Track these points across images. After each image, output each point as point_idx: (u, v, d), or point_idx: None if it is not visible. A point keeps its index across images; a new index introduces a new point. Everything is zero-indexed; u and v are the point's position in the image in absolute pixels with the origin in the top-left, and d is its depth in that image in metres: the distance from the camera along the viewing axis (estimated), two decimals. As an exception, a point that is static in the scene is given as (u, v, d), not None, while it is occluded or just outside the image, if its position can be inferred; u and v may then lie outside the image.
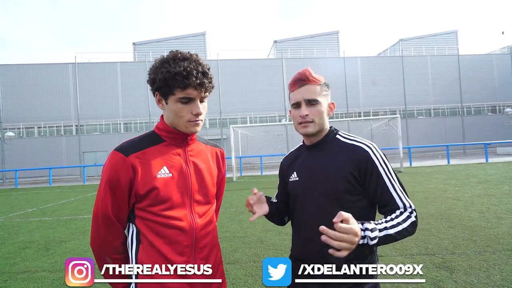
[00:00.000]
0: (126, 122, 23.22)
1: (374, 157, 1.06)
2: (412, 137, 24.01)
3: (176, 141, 1.08)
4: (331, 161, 1.11)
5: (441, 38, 28.78)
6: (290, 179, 1.21)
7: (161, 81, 0.98)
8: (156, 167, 1.01)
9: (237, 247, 3.97)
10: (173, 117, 1.03)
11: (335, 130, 1.20)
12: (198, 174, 1.09)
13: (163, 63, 0.99)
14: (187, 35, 26.20)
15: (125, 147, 1.01)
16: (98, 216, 1.01)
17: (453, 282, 2.67)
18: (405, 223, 0.98)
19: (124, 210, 1.01)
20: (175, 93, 0.99)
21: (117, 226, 1.02)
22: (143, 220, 1.01)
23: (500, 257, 3.11)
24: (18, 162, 20.86)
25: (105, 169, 1.00)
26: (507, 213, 4.78)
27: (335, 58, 25.41)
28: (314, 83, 1.12)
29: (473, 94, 25.76)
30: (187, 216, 1.04)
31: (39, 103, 22.00)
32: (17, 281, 3.20)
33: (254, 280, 2.94)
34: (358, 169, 1.06)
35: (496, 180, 8.39)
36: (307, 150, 1.20)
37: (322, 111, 1.11)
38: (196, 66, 0.99)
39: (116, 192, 0.98)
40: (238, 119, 23.81)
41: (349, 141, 1.13)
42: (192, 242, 1.03)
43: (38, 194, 11.92)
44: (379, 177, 1.05)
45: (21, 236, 5.15)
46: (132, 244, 1.03)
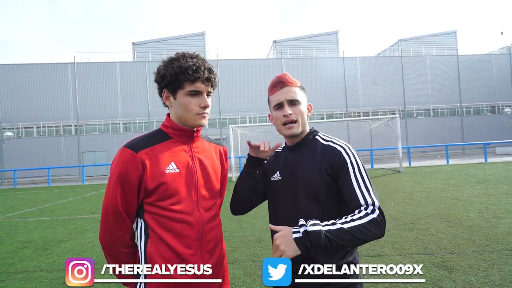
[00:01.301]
0: (126, 122, 23.19)
1: (346, 156, 1.09)
2: (411, 137, 24.05)
3: (183, 138, 1.13)
4: (310, 161, 1.14)
5: (440, 38, 28.84)
6: (273, 178, 1.23)
7: (172, 76, 1.04)
8: (164, 163, 1.05)
9: (236, 246, 3.97)
10: (181, 111, 1.08)
11: (315, 132, 1.23)
12: (203, 170, 1.14)
13: (172, 60, 1.07)
14: (187, 35, 26.19)
15: (134, 144, 1.05)
16: (108, 210, 1.04)
17: (452, 281, 2.67)
18: (361, 220, 0.95)
19: (133, 204, 1.05)
20: (185, 87, 1.05)
21: (126, 221, 1.05)
22: (151, 215, 1.05)
23: (499, 257, 3.11)
24: (17, 162, 20.82)
25: (115, 165, 1.04)
26: (506, 213, 4.79)
27: (335, 58, 25.43)
28: (293, 85, 1.17)
29: (472, 94, 25.82)
30: (194, 210, 1.08)
31: (38, 103, 21.96)
32: (15, 281, 3.19)
33: (252, 280, 2.94)
34: (331, 169, 1.10)
35: (495, 180, 8.40)
36: (289, 151, 1.24)
37: (303, 111, 1.17)
38: (203, 63, 1.08)
39: (126, 187, 1.02)
40: (237, 119, 23.81)
41: (326, 142, 1.16)
42: (199, 235, 1.07)
43: (36, 194, 11.89)
44: (347, 174, 1.07)
45: (19, 236, 5.13)
46: (140, 239, 1.07)
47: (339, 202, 1.11)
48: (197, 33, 26.25)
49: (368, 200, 1.01)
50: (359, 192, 1.04)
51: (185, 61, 1.04)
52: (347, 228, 0.92)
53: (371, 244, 3.71)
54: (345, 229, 0.92)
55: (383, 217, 0.98)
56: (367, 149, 17.85)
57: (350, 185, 1.05)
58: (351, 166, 1.08)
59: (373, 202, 1.01)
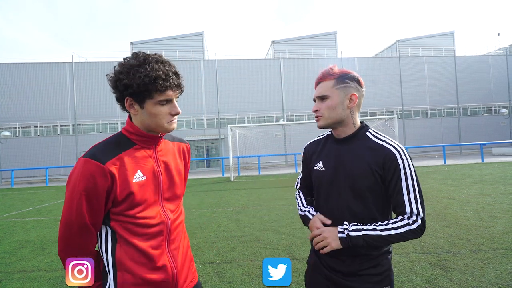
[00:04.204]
0: (124, 122, 23.09)
1: (400, 160, 1.09)
2: (409, 138, 24.14)
3: (147, 144, 1.09)
4: (359, 157, 1.14)
5: (438, 39, 28.97)
6: (315, 167, 1.25)
7: (139, 86, 0.97)
8: (131, 172, 1.02)
9: (234, 246, 3.98)
10: (150, 120, 1.04)
11: (366, 127, 1.21)
12: (168, 173, 1.13)
13: (135, 67, 0.98)
14: (185, 34, 26.13)
15: (97, 153, 0.99)
16: (71, 225, 0.98)
17: (448, 280, 2.69)
18: (400, 229, 1.04)
19: (100, 216, 1.01)
20: (154, 97, 1.00)
21: (93, 232, 1.02)
22: (118, 222, 1.03)
23: (494, 256, 3.14)
24: (14, 162, 20.71)
25: (77, 178, 0.96)
26: (501, 213, 4.83)
27: (333, 59, 25.44)
28: (326, 80, 1.17)
29: (469, 95, 25.95)
30: (160, 213, 1.08)
31: (36, 103, 21.85)
32: (13, 281, 3.19)
33: (251, 279, 2.95)
34: (383, 169, 1.10)
35: (491, 180, 8.46)
36: (335, 143, 1.23)
37: (331, 105, 1.15)
38: (171, 68, 1.01)
39: (93, 200, 0.97)
40: (236, 119, 23.79)
41: (379, 141, 1.15)
42: (166, 236, 1.09)
43: (34, 194, 11.84)
44: (398, 179, 1.08)
45: (17, 236, 5.12)
46: (107, 244, 1.04)
47: (383, 202, 1.13)
48: (196, 33, 26.20)
49: (414, 209, 1.06)
50: (407, 200, 1.07)
51: (152, 69, 0.97)
52: (385, 235, 1.04)
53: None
54: (383, 236, 1.04)
55: (423, 226, 1.06)
56: (365, 149, 17.84)
57: (400, 191, 1.07)
58: (403, 171, 1.08)
59: (418, 212, 1.06)
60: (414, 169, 1.10)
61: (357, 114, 1.19)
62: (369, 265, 1.11)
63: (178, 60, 24.05)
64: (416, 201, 1.06)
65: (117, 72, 1.01)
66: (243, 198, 8.08)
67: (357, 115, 1.19)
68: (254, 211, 6.14)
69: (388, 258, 1.15)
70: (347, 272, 1.13)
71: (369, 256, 1.11)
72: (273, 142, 22.07)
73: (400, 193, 1.07)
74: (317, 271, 1.22)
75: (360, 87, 1.18)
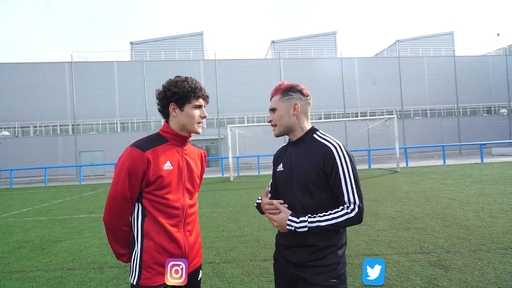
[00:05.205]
0: (123, 122, 23.10)
1: (337, 155, 1.23)
2: (409, 138, 24.16)
3: (177, 142, 1.41)
4: (305, 156, 1.30)
5: (438, 39, 29.00)
6: (278, 169, 1.43)
7: (184, 93, 1.34)
8: (162, 161, 1.33)
9: (233, 246, 3.97)
10: (187, 120, 1.38)
11: (314, 130, 1.37)
12: (189, 168, 1.44)
13: (180, 82, 1.37)
14: (185, 34, 26.15)
15: (140, 144, 1.32)
16: (116, 195, 1.29)
17: (447, 280, 2.69)
18: (340, 218, 1.19)
19: (136, 192, 1.31)
20: (192, 102, 1.37)
21: (129, 204, 1.32)
22: (148, 200, 1.33)
23: (494, 256, 3.14)
24: (14, 162, 20.70)
25: (124, 160, 1.29)
26: (501, 213, 4.83)
27: (333, 59, 25.49)
28: (277, 93, 1.36)
29: (468, 95, 25.99)
30: (181, 198, 1.38)
31: (35, 102, 21.83)
32: (12, 281, 3.18)
33: (250, 279, 2.94)
34: (323, 165, 1.24)
35: (491, 180, 8.47)
36: (291, 146, 1.40)
37: (279, 115, 1.34)
38: (202, 85, 1.43)
39: (133, 178, 1.28)
40: (235, 119, 23.81)
41: (321, 140, 1.30)
42: (183, 217, 1.38)
43: (33, 194, 11.83)
44: (337, 173, 1.22)
45: (16, 236, 5.11)
46: (137, 218, 1.34)
47: (328, 195, 1.26)
48: (195, 33, 26.21)
49: (351, 199, 1.20)
50: (345, 190, 1.21)
51: (192, 83, 1.38)
52: (325, 225, 1.19)
53: (368, 244, 3.74)
54: (323, 226, 1.19)
55: (360, 214, 1.20)
56: (365, 149, 17.89)
57: (339, 184, 1.22)
58: (341, 164, 1.22)
59: (355, 201, 1.20)
60: (351, 162, 1.24)
61: (304, 119, 1.35)
62: (315, 257, 1.23)
63: (177, 60, 24.06)
64: (353, 191, 1.20)
65: (167, 85, 1.38)
66: (243, 198, 8.08)
67: (304, 120, 1.35)
68: (253, 211, 6.13)
69: (336, 252, 1.24)
70: (296, 263, 1.27)
71: (315, 247, 1.23)
72: (272, 142, 22.05)
73: (339, 185, 1.21)
74: (278, 262, 1.39)
75: (303, 96, 1.35)
